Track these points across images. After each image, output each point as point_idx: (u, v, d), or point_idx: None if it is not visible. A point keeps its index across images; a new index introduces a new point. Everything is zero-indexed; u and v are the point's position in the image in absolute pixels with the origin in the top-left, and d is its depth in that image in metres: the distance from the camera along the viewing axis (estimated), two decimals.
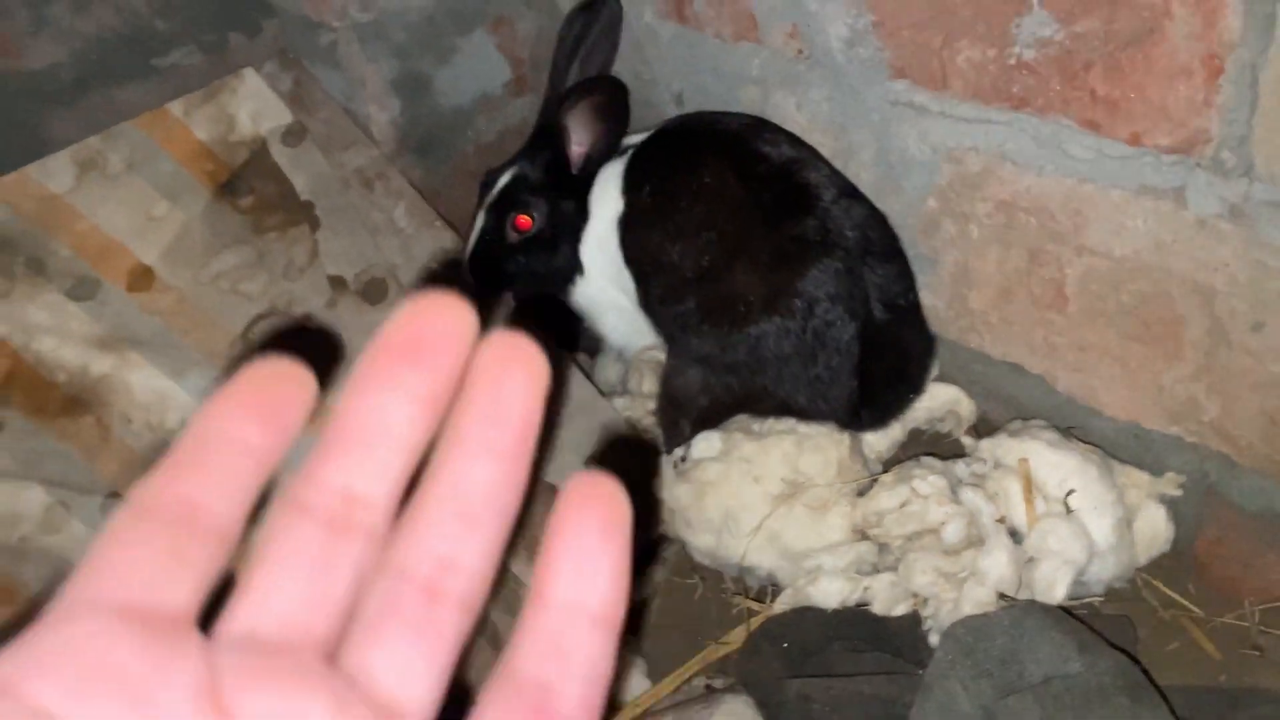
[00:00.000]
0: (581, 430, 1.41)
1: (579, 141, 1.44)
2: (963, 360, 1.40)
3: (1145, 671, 1.05)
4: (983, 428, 1.39)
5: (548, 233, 1.48)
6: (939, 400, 1.41)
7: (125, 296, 1.35)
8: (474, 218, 1.53)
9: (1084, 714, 0.99)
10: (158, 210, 1.40)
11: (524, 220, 1.47)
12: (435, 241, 1.48)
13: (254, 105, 1.50)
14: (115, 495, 1.26)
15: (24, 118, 1.44)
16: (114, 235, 1.38)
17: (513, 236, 1.48)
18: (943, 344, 1.41)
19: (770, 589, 1.30)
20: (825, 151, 1.42)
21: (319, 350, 1.21)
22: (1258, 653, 1.17)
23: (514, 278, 1.49)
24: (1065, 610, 1.11)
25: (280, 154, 1.48)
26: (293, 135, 1.50)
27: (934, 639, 1.21)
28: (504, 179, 1.50)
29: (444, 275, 1.53)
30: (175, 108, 1.46)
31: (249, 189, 1.45)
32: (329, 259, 1.42)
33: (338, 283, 1.41)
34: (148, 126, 1.45)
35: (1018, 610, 1.08)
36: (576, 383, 1.45)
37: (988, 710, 1.01)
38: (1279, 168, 0.97)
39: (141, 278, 1.37)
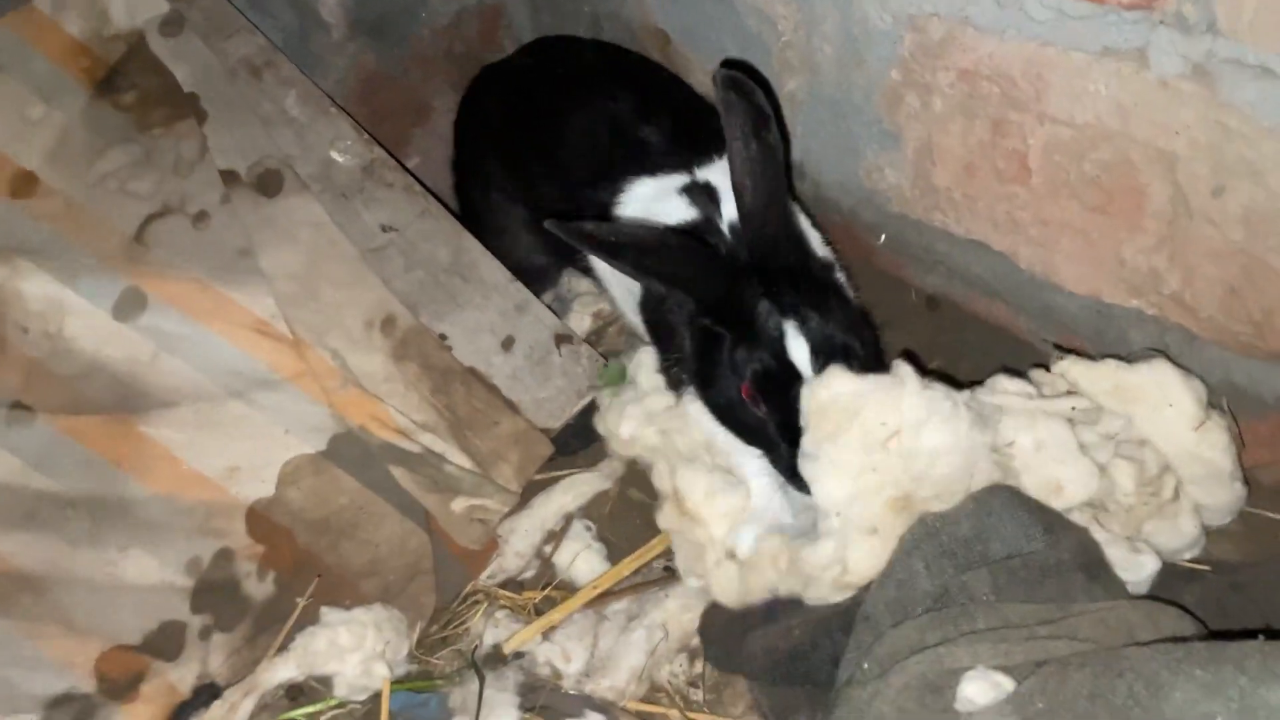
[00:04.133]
0: (496, 312, 1.41)
1: None
2: (927, 239, 1.37)
3: None
4: (945, 306, 1.37)
5: None
6: None
7: (9, 204, 1.30)
8: None
9: (1036, 589, 0.97)
10: (34, 112, 1.34)
11: None
12: (331, 129, 1.42)
13: None
14: (18, 406, 1.23)
15: None
16: None
17: None
18: (907, 223, 1.38)
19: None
20: (788, 25, 1.37)
21: None
22: None
23: None
24: None
25: (159, 46, 1.40)
26: (171, 25, 1.40)
27: None
28: None
29: None
30: (42, 3, 1.36)
31: (129, 84, 1.38)
32: (219, 152, 1.36)
33: (230, 176, 1.36)
34: (15, 25, 1.36)
35: (983, 492, 1.05)
36: (488, 266, 1.42)
37: (945, 586, 1.00)
38: (1241, 23, 0.93)
39: (24, 184, 1.31)
